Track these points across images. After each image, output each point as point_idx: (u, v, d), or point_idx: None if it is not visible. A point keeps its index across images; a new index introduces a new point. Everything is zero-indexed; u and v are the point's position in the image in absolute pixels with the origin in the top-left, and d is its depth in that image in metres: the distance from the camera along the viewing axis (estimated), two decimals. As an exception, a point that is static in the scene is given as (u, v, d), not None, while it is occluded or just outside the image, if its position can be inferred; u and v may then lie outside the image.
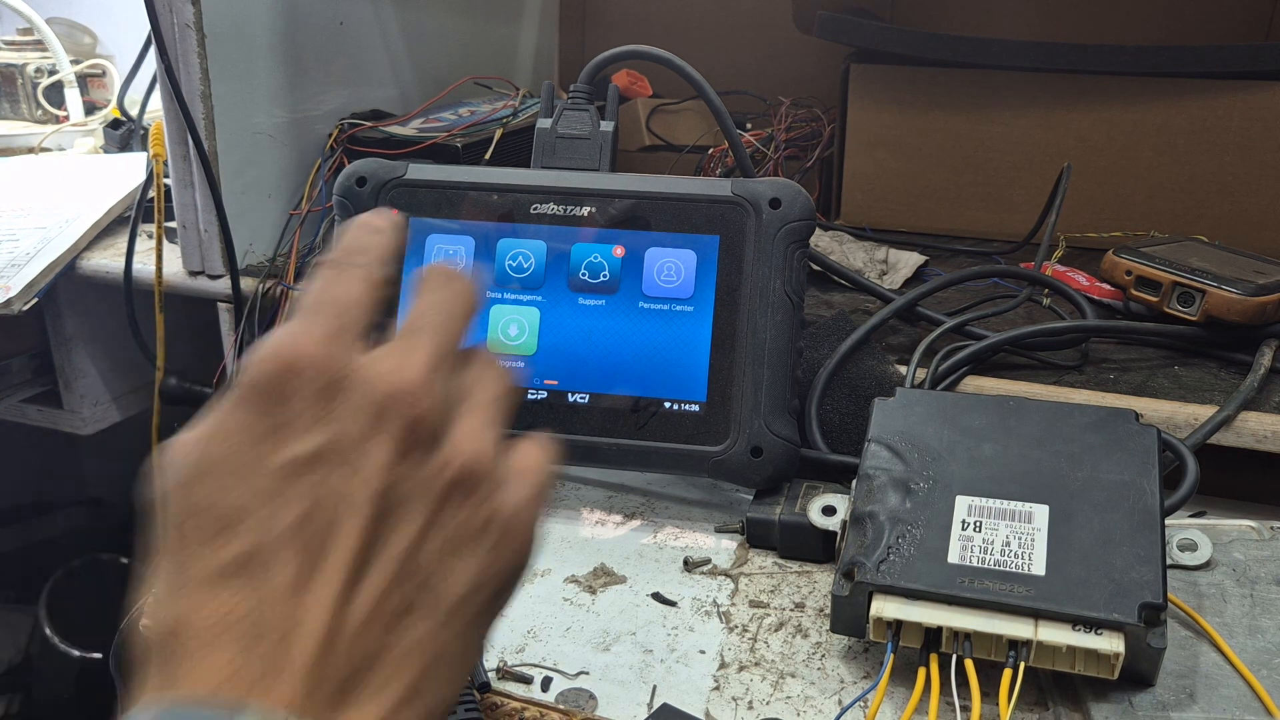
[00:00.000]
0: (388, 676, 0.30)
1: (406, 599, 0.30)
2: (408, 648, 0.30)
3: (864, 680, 0.51)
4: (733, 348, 0.63)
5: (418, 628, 0.31)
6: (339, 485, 0.30)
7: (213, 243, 0.88)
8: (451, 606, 0.31)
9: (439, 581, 0.31)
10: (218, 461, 0.30)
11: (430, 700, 0.31)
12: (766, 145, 1.03)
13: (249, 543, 0.29)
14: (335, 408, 0.31)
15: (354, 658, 0.29)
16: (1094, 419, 0.55)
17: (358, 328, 0.33)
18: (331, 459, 0.30)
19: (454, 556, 0.31)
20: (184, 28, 0.82)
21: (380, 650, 0.30)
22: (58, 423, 1.04)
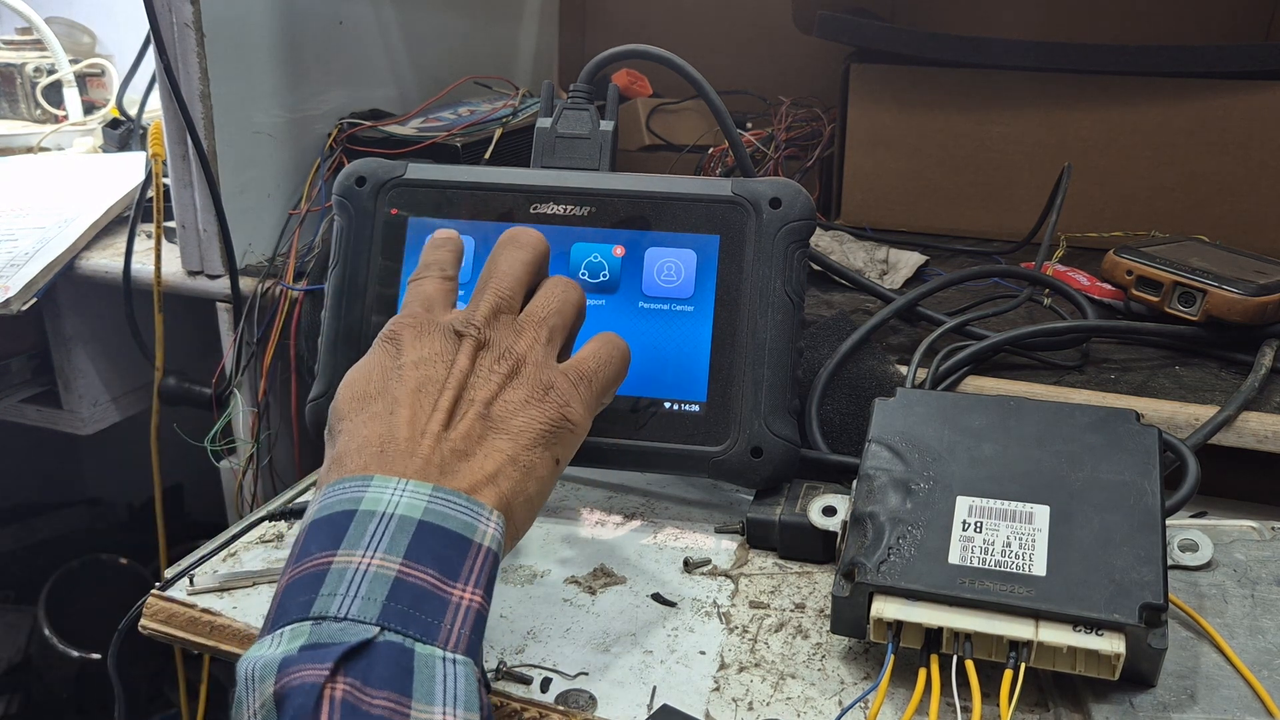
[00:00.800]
0: (475, 464, 0.47)
1: (485, 429, 0.48)
2: (489, 451, 0.48)
3: (864, 681, 0.51)
4: (733, 348, 0.63)
5: (496, 441, 0.48)
6: (434, 373, 0.49)
7: (212, 242, 0.88)
8: (517, 431, 0.49)
9: (506, 420, 0.49)
10: (360, 371, 0.51)
11: (509, 486, 0.47)
12: (766, 145, 1.03)
13: (381, 403, 0.48)
14: (430, 339, 0.51)
15: (449, 456, 0.47)
16: (1094, 419, 0.55)
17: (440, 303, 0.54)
18: (429, 361, 0.50)
19: (516, 405, 0.49)
20: (183, 27, 0.82)
21: (470, 452, 0.47)
22: (57, 423, 1.04)
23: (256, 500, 0.92)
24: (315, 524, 0.44)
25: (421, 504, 0.44)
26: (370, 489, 0.44)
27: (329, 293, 0.66)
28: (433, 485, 0.45)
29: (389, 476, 0.45)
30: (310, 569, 0.42)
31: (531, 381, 0.50)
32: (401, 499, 0.44)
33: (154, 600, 0.57)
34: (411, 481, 0.45)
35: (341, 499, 0.44)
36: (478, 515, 0.45)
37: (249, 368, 0.90)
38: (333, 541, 0.42)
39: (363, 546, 0.42)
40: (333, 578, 0.41)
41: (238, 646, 0.54)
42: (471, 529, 0.44)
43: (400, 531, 0.43)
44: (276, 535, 0.63)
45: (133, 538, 1.41)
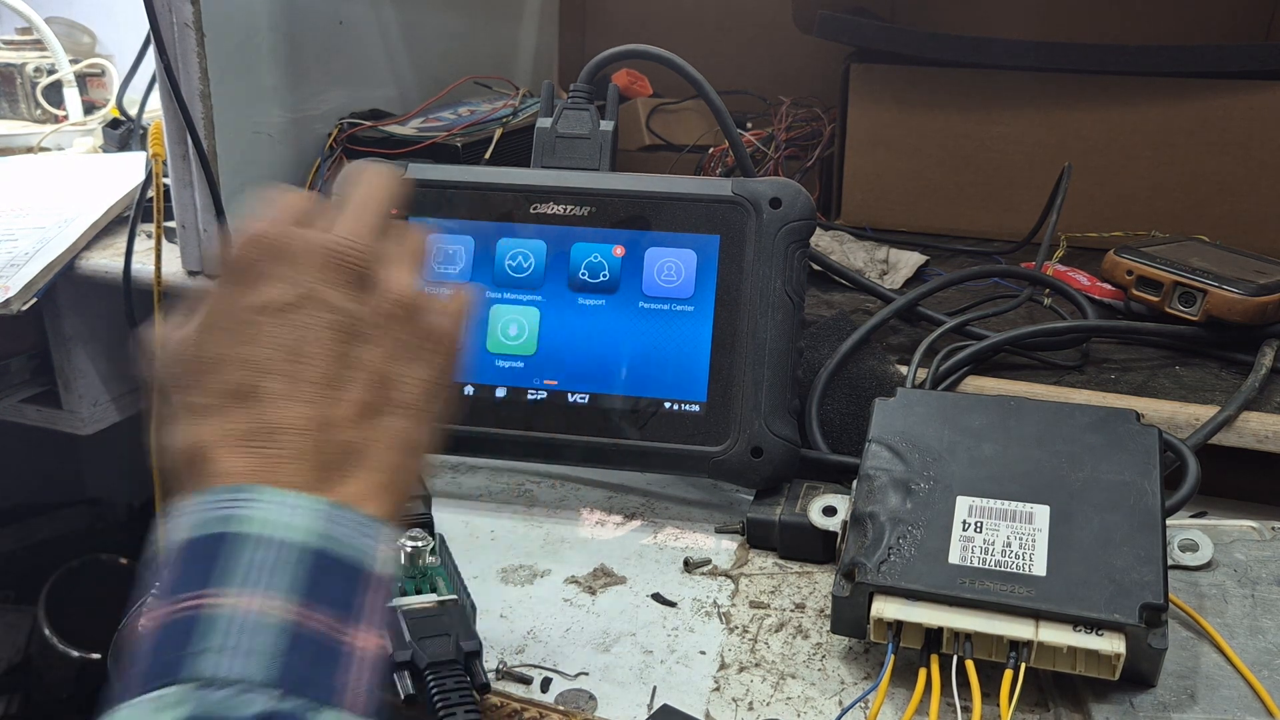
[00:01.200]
0: (374, 461, 0.38)
1: (378, 401, 0.39)
2: (388, 439, 0.39)
3: (864, 681, 0.51)
4: (733, 348, 0.63)
5: (393, 423, 0.39)
6: (305, 320, 0.39)
7: (212, 242, 0.88)
8: (414, 404, 0.40)
9: (401, 387, 0.40)
10: (206, 323, 0.39)
11: (405, 476, 0.40)
12: (766, 145, 1.03)
13: (236, 374, 0.38)
14: (293, 268, 0.39)
15: (342, 446, 0.38)
16: (1095, 419, 0.55)
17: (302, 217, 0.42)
18: (295, 303, 0.39)
19: (408, 364, 0.40)
20: (183, 27, 0.82)
21: (365, 442, 0.38)
22: (57, 423, 1.04)
23: (256, 500, 0.92)
24: (190, 545, 0.35)
25: (310, 525, 0.36)
26: (251, 506, 0.36)
27: (329, 293, 0.66)
28: (325, 501, 0.36)
29: (269, 488, 0.36)
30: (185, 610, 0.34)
31: (420, 329, 0.41)
32: (287, 518, 0.36)
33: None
34: (301, 495, 0.36)
35: (218, 516, 0.35)
36: (371, 534, 0.37)
37: (249, 368, 0.89)
38: (210, 576, 0.34)
39: (243, 583, 0.34)
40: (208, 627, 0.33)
41: (238, 646, 0.54)
42: (368, 554, 0.37)
43: (287, 563, 0.35)
44: (276, 535, 0.63)
45: (133, 538, 1.41)
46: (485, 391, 0.65)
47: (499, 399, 0.65)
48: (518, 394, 0.65)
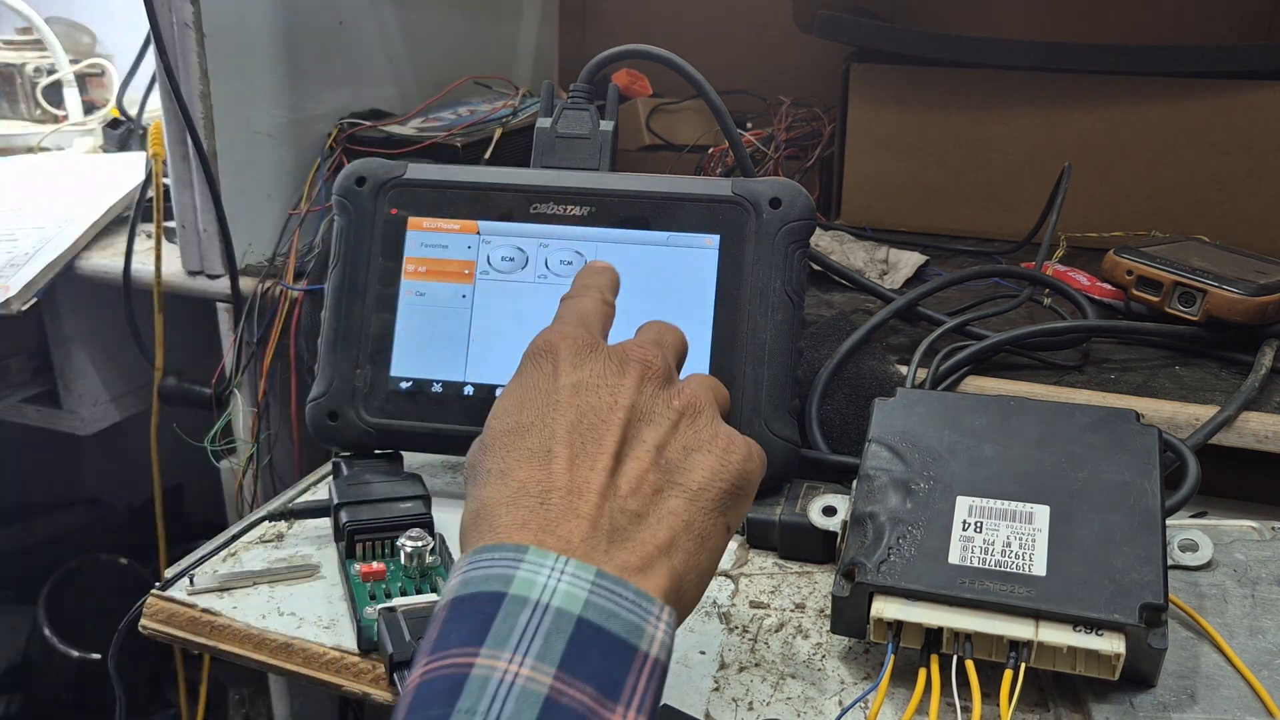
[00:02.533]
0: (647, 534, 0.40)
1: (659, 482, 0.41)
2: (663, 514, 0.41)
3: (864, 681, 0.51)
4: (733, 348, 0.63)
5: (671, 501, 0.41)
6: (598, 402, 0.42)
7: (212, 242, 0.88)
8: (696, 489, 0.42)
9: (683, 471, 0.42)
10: (511, 396, 0.44)
11: (682, 560, 0.40)
12: (766, 145, 1.03)
13: (535, 440, 0.41)
14: (591, 359, 0.44)
15: (619, 518, 0.40)
16: (1095, 419, 0.55)
17: (598, 325, 0.48)
18: (592, 386, 0.43)
19: (693, 453, 0.43)
20: (183, 27, 0.82)
21: (642, 514, 0.40)
22: (57, 423, 1.04)
23: (256, 500, 0.92)
24: (458, 603, 0.37)
25: (583, 594, 0.36)
26: (523, 566, 0.37)
27: (329, 293, 0.66)
28: (596, 570, 0.37)
29: (546, 551, 0.37)
30: (448, 668, 0.35)
31: (708, 430, 0.44)
32: (559, 584, 0.36)
33: (154, 600, 0.57)
34: (572, 561, 0.37)
35: (489, 574, 0.37)
36: (646, 614, 0.37)
37: (249, 368, 0.90)
38: (477, 635, 0.35)
39: (510, 647, 0.35)
40: (472, 688, 0.34)
41: (238, 646, 0.54)
42: (638, 633, 0.37)
43: (556, 631, 0.35)
44: (276, 535, 0.63)
45: (133, 538, 1.41)
46: (485, 391, 0.65)
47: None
48: (518, 394, 0.65)
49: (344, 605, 0.56)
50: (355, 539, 0.57)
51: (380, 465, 0.64)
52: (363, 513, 0.58)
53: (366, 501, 0.59)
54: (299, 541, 0.63)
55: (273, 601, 0.57)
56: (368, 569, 0.56)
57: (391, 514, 0.58)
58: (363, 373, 0.65)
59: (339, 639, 0.54)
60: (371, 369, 0.65)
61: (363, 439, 0.65)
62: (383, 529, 0.58)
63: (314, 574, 0.59)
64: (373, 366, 0.65)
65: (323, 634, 0.54)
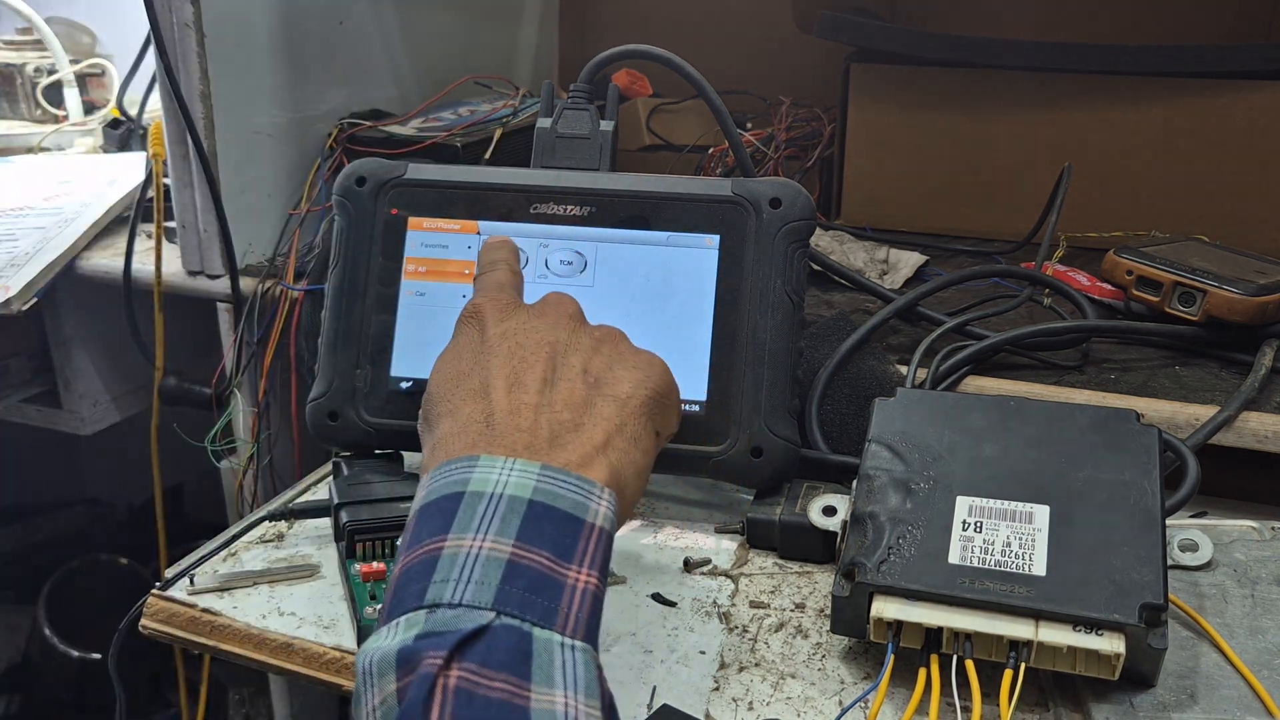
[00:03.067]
0: (584, 436, 0.46)
1: (588, 394, 0.47)
2: (596, 419, 0.46)
3: (864, 681, 0.51)
4: (733, 348, 0.63)
5: (600, 408, 0.47)
6: (525, 340, 0.49)
7: (212, 242, 0.88)
8: (624, 396, 0.48)
9: (609, 384, 0.48)
10: (448, 355, 0.50)
11: (617, 456, 0.46)
12: (767, 145, 1.03)
13: (475, 381, 0.48)
14: (513, 312, 0.51)
15: (556, 425, 0.46)
16: (1095, 419, 0.55)
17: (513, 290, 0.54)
18: (517, 329, 0.49)
19: (616, 367, 0.49)
20: (183, 27, 0.82)
21: (576, 422, 0.46)
22: (57, 423, 1.04)
23: (256, 500, 0.92)
24: (424, 509, 0.43)
25: (530, 483, 0.43)
26: (477, 469, 0.43)
27: (329, 293, 0.66)
28: (541, 464, 0.43)
29: (495, 455, 0.44)
30: (422, 555, 0.41)
31: (629, 350, 0.50)
32: (510, 478, 0.43)
33: (154, 600, 0.57)
34: (519, 460, 0.43)
35: (448, 481, 0.43)
36: (589, 493, 0.43)
37: (249, 368, 0.90)
38: (442, 526, 0.41)
39: (473, 530, 0.41)
40: (444, 563, 0.40)
41: (238, 646, 0.55)
42: (583, 508, 0.43)
43: (510, 512, 0.41)
44: (276, 535, 0.63)
45: (133, 538, 1.41)
46: (485, 391, 0.65)
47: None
48: (518, 394, 0.65)
49: (344, 605, 0.56)
50: (356, 539, 0.57)
51: (380, 465, 0.64)
52: (363, 513, 0.59)
53: (367, 501, 0.59)
54: (299, 541, 0.63)
55: (273, 601, 0.57)
56: (368, 569, 0.56)
57: (392, 514, 0.58)
58: (363, 373, 0.65)
59: (339, 639, 0.54)
60: (372, 369, 0.65)
61: (363, 439, 0.65)
62: (383, 529, 0.58)
63: (314, 574, 0.59)
64: (373, 366, 0.65)
65: (323, 634, 0.54)
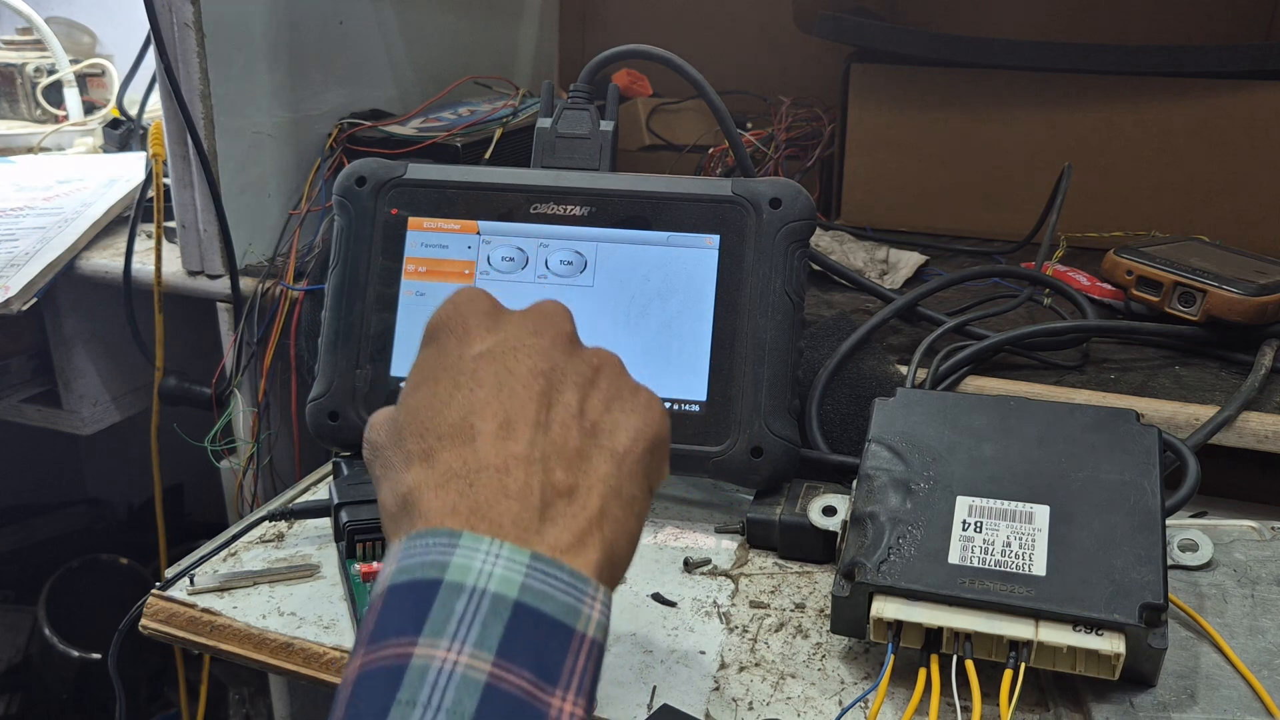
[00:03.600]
0: (577, 506, 0.39)
1: (584, 445, 0.40)
2: (592, 482, 0.39)
3: (864, 681, 0.51)
4: (733, 347, 0.63)
5: (597, 466, 0.40)
6: (516, 366, 0.41)
7: (212, 242, 0.88)
8: (622, 451, 0.41)
9: (606, 431, 0.41)
10: (423, 370, 0.42)
11: (612, 528, 0.39)
12: (767, 145, 1.03)
13: (455, 414, 0.40)
14: (501, 324, 0.42)
15: (547, 490, 0.38)
16: (1095, 419, 0.55)
17: (497, 301, 0.45)
18: (506, 351, 0.41)
19: (613, 411, 0.42)
20: (183, 27, 0.82)
21: (573, 483, 0.39)
22: (57, 423, 1.04)
23: (256, 500, 0.92)
24: (394, 591, 0.36)
25: (518, 578, 0.36)
26: (457, 551, 0.36)
27: (329, 293, 0.66)
28: (530, 553, 0.37)
29: (480, 536, 0.37)
30: (387, 658, 0.35)
31: (627, 385, 0.43)
32: (495, 569, 0.36)
33: (154, 600, 0.57)
34: (506, 545, 0.37)
35: (424, 562, 0.36)
36: (581, 594, 0.37)
37: (249, 368, 0.89)
38: (414, 623, 0.35)
39: (449, 634, 0.35)
40: (412, 677, 0.34)
41: (238, 646, 0.55)
42: (574, 614, 0.36)
43: (493, 616, 0.35)
44: (276, 535, 0.63)
45: (133, 538, 1.41)
46: (485, 391, 0.65)
47: (499, 399, 0.65)
48: (518, 394, 0.65)
49: (344, 605, 0.56)
50: (356, 539, 0.58)
51: (380, 465, 0.64)
52: (363, 512, 0.59)
53: (367, 501, 0.59)
54: (299, 541, 0.63)
55: (273, 601, 0.57)
56: (368, 569, 0.56)
57: (392, 514, 0.58)
58: (363, 373, 0.65)
59: (339, 639, 0.54)
60: (372, 369, 0.65)
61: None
62: (383, 529, 0.58)
63: (314, 574, 0.59)
64: (373, 366, 0.65)
65: (323, 634, 0.54)
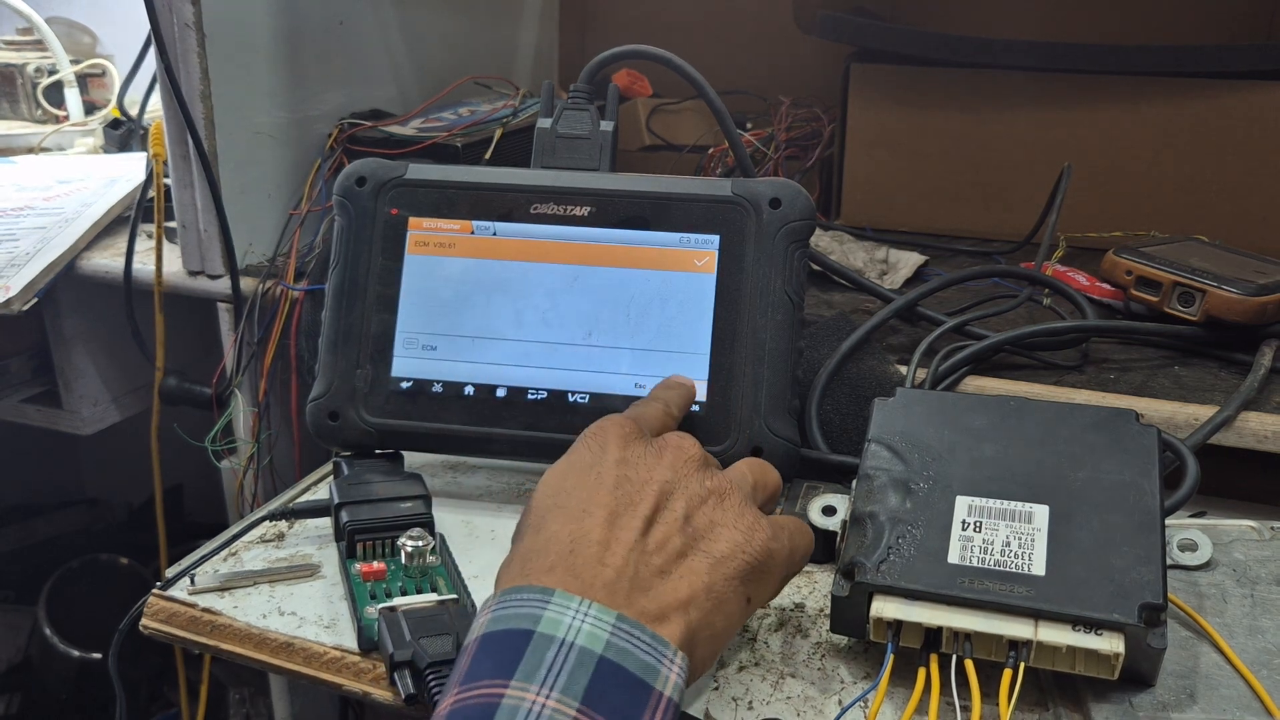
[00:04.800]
0: (668, 588, 0.43)
1: (684, 546, 0.45)
2: (684, 572, 0.44)
3: (864, 680, 0.51)
4: (733, 348, 0.63)
5: (693, 564, 0.45)
6: (636, 475, 0.47)
7: (212, 242, 0.88)
8: (719, 556, 0.45)
9: (707, 540, 0.46)
10: (560, 467, 0.49)
11: (698, 616, 0.43)
12: (767, 145, 1.03)
13: (575, 502, 0.46)
14: (635, 444, 0.49)
15: (643, 570, 0.43)
16: (1094, 419, 0.55)
17: (652, 426, 0.53)
18: (634, 462, 0.48)
19: (718, 525, 0.46)
20: (184, 27, 0.82)
21: (665, 570, 0.44)
22: (57, 423, 1.04)
23: (257, 500, 0.92)
24: (487, 639, 0.40)
25: (604, 635, 0.40)
26: (550, 607, 0.40)
27: (329, 293, 0.66)
28: (617, 614, 0.41)
29: (571, 595, 0.41)
30: (479, 699, 0.38)
31: (738, 509, 0.48)
32: (583, 625, 0.40)
33: (154, 600, 0.57)
34: (595, 605, 0.41)
35: (518, 613, 0.40)
36: (661, 656, 0.41)
37: (249, 368, 0.90)
38: (506, 667, 0.38)
39: (538, 680, 0.38)
40: (502, 717, 0.37)
41: (238, 646, 0.55)
42: (653, 673, 0.40)
43: (579, 667, 0.39)
44: (277, 535, 0.63)
45: (133, 538, 1.41)
46: (485, 392, 0.65)
47: (499, 399, 0.65)
48: (518, 394, 0.65)
49: (344, 605, 0.56)
50: (356, 539, 0.58)
51: (381, 465, 0.64)
52: (363, 512, 0.59)
53: (367, 501, 0.59)
54: (299, 541, 0.63)
55: (273, 601, 0.57)
56: (368, 569, 0.56)
57: (392, 514, 0.58)
58: (363, 373, 0.65)
59: (339, 639, 0.54)
60: (372, 369, 0.65)
61: (363, 439, 0.65)
62: (383, 529, 0.58)
63: (314, 574, 0.59)
64: (373, 366, 0.65)
65: (323, 634, 0.54)
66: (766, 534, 0.47)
